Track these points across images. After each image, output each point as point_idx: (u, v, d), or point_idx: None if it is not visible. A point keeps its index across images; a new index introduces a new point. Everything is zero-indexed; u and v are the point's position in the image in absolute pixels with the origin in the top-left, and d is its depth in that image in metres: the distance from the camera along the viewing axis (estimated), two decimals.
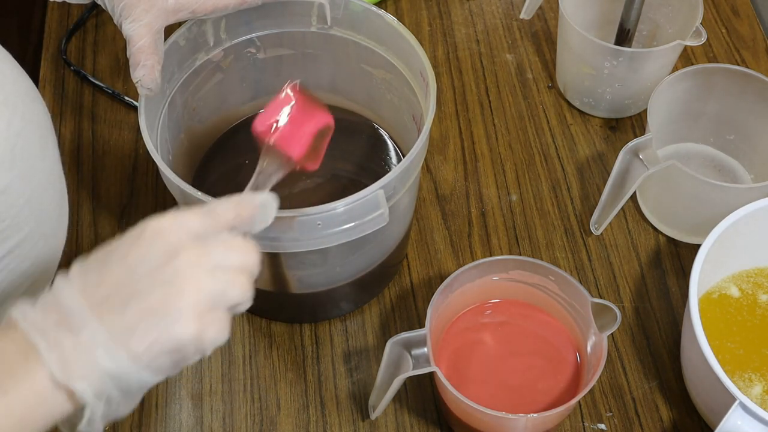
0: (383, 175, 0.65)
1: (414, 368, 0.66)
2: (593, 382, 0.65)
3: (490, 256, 0.81)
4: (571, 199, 0.87)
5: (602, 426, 0.75)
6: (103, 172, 0.89)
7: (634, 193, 0.82)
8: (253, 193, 0.55)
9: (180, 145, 0.78)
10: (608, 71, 0.88)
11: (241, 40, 0.78)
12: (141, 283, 0.47)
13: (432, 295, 0.69)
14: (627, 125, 0.93)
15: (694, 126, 0.88)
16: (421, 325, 0.75)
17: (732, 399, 0.64)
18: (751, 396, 0.73)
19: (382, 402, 0.70)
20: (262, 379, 0.77)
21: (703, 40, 0.83)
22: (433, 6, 1.02)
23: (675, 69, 0.88)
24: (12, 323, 0.46)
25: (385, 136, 0.85)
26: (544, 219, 0.86)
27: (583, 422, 0.75)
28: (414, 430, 0.74)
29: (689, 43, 0.84)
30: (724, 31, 1.00)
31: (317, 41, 0.79)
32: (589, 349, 0.70)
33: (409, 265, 0.83)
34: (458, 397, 0.64)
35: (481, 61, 0.98)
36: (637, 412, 0.75)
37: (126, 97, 0.93)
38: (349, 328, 0.80)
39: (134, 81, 0.66)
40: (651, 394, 0.76)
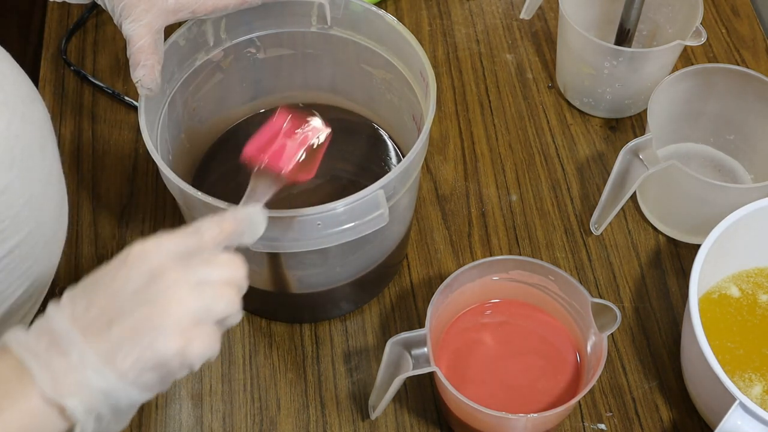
0: (383, 176, 0.65)
1: (414, 368, 0.66)
2: (593, 382, 0.65)
3: (490, 256, 0.81)
4: (571, 199, 0.87)
5: (602, 426, 0.75)
6: (103, 172, 0.89)
7: (634, 193, 0.82)
8: (237, 208, 0.56)
9: (180, 145, 0.78)
10: (608, 71, 0.88)
11: (241, 40, 0.78)
12: (126, 305, 0.48)
13: (432, 295, 0.69)
14: (627, 125, 0.93)
15: (694, 126, 0.88)
16: (421, 325, 0.75)
17: (732, 399, 0.64)
18: (751, 396, 0.73)
19: (382, 402, 0.70)
20: (262, 379, 0.77)
21: (703, 40, 0.83)
22: (433, 6, 1.02)
23: (675, 69, 0.88)
24: (6, 348, 0.48)
25: (385, 136, 0.85)
26: (544, 219, 0.86)
27: (583, 422, 0.75)
28: (414, 430, 0.74)
29: (689, 43, 0.84)
30: (724, 31, 1.00)
31: (317, 41, 0.79)
32: (589, 349, 0.70)
33: (409, 265, 0.83)
34: (458, 397, 0.64)
35: (481, 61, 0.98)
36: (637, 412, 0.75)
37: (126, 97, 0.93)
38: (349, 328, 0.80)
39: (134, 81, 0.66)
40: (651, 394, 0.76)
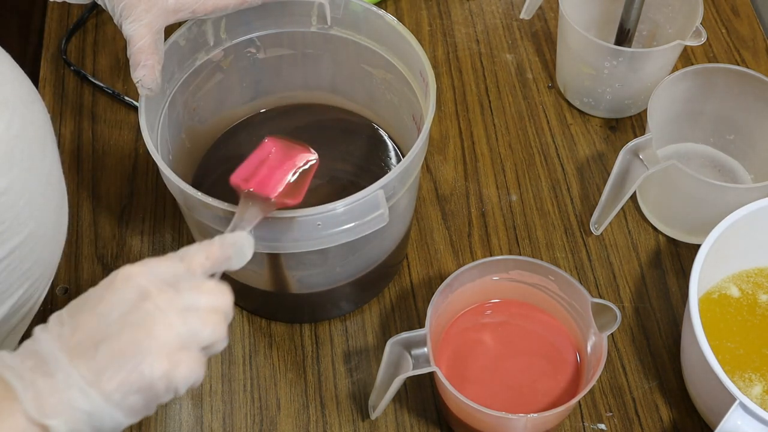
0: (383, 176, 0.65)
1: (414, 368, 0.66)
2: (593, 382, 0.65)
3: (490, 256, 0.81)
4: (571, 199, 0.87)
5: (602, 426, 0.75)
6: (103, 172, 0.89)
7: (634, 193, 0.82)
8: (224, 235, 0.56)
9: (180, 145, 0.78)
10: (608, 71, 0.88)
11: (241, 40, 0.78)
12: (112, 327, 0.48)
13: (432, 295, 0.69)
14: (627, 125, 0.93)
15: (694, 126, 0.88)
16: (421, 325, 0.75)
17: (732, 399, 0.64)
18: (751, 396, 0.73)
19: (382, 402, 0.70)
20: (262, 379, 0.77)
21: (703, 40, 0.83)
22: (433, 6, 1.02)
23: (675, 69, 0.88)
24: None
25: (385, 136, 0.85)
26: (544, 219, 0.86)
27: (583, 422, 0.75)
28: (414, 430, 0.74)
29: (689, 43, 0.84)
30: (724, 31, 1.00)
31: (317, 41, 0.79)
32: (589, 349, 0.70)
33: (409, 265, 0.83)
34: (458, 397, 0.64)
35: (481, 61, 0.98)
36: (637, 412, 0.75)
37: (126, 97, 0.93)
38: (349, 328, 0.80)
39: (135, 81, 0.66)
40: (651, 394, 0.76)
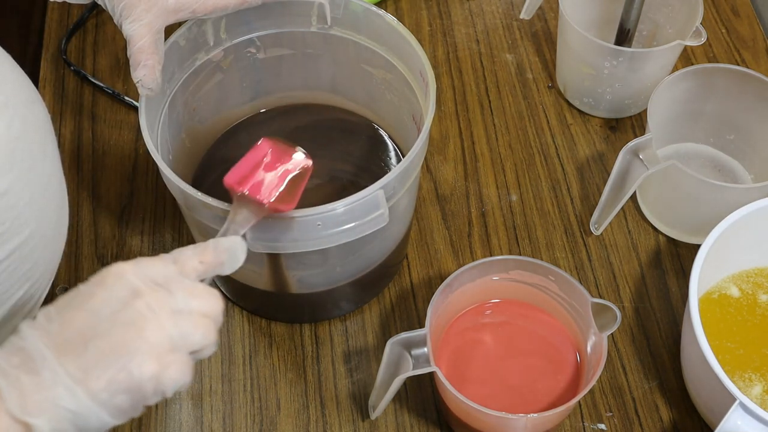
0: (383, 176, 0.65)
1: (414, 368, 0.66)
2: (593, 382, 0.65)
3: (490, 256, 0.81)
4: (571, 199, 0.87)
5: (602, 426, 0.75)
6: (103, 172, 0.89)
7: (634, 193, 0.82)
8: (217, 239, 0.56)
9: (180, 145, 0.78)
10: (608, 71, 0.88)
11: (241, 40, 0.78)
12: (102, 325, 0.48)
13: (432, 295, 0.69)
14: (627, 125, 0.93)
15: (694, 126, 0.88)
16: (421, 325, 0.75)
17: (732, 399, 0.64)
18: (751, 396, 0.73)
19: (382, 402, 0.70)
20: (262, 379, 0.77)
21: (703, 40, 0.83)
22: (433, 6, 1.02)
23: (675, 69, 0.88)
24: None
25: (385, 136, 0.85)
26: (544, 219, 0.86)
27: (583, 422, 0.75)
28: (414, 430, 0.74)
29: (689, 43, 0.84)
30: (724, 31, 1.00)
31: (317, 41, 0.79)
32: (589, 349, 0.70)
33: (409, 265, 0.83)
34: (458, 397, 0.64)
35: (481, 61, 0.98)
36: (637, 412, 0.75)
37: (126, 97, 0.93)
38: (349, 328, 0.80)
39: (135, 81, 0.66)
40: (651, 394, 0.76)
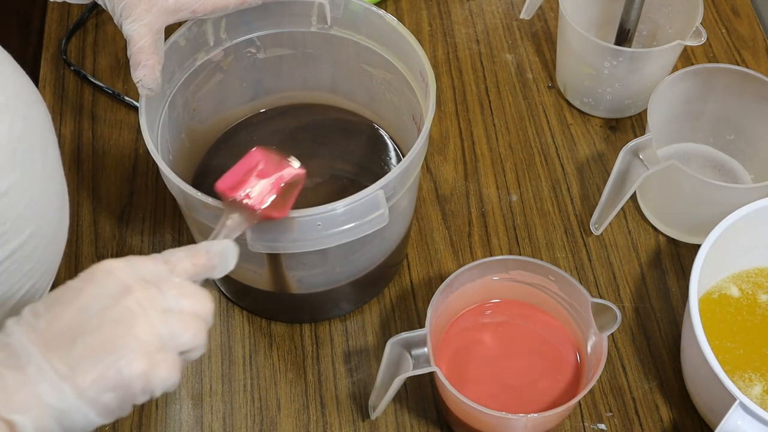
0: (383, 176, 0.65)
1: (414, 368, 0.66)
2: (593, 382, 0.65)
3: (490, 256, 0.81)
4: (571, 199, 0.87)
5: (602, 426, 0.75)
6: (103, 172, 0.89)
7: (634, 193, 0.82)
8: (210, 242, 0.56)
9: (180, 145, 0.78)
10: (608, 71, 0.88)
11: (241, 40, 0.78)
12: (91, 321, 0.47)
13: (432, 295, 0.69)
14: (627, 125, 0.93)
15: (694, 126, 0.88)
16: (421, 325, 0.75)
17: (732, 399, 0.64)
18: (751, 396, 0.73)
19: (382, 402, 0.70)
20: (262, 379, 0.77)
21: (703, 40, 0.83)
22: (433, 6, 1.02)
23: (675, 69, 0.88)
24: None
25: (385, 136, 0.85)
26: (544, 219, 0.86)
27: (583, 422, 0.75)
28: (414, 430, 0.74)
29: (689, 43, 0.84)
30: (724, 31, 1.00)
31: (317, 41, 0.79)
32: (589, 349, 0.70)
33: (409, 265, 0.83)
34: (458, 397, 0.64)
35: (481, 61, 0.98)
36: (637, 412, 0.75)
37: (126, 97, 0.93)
38: (349, 328, 0.80)
39: (135, 81, 0.66)
40: (651, 394, 0.76)
